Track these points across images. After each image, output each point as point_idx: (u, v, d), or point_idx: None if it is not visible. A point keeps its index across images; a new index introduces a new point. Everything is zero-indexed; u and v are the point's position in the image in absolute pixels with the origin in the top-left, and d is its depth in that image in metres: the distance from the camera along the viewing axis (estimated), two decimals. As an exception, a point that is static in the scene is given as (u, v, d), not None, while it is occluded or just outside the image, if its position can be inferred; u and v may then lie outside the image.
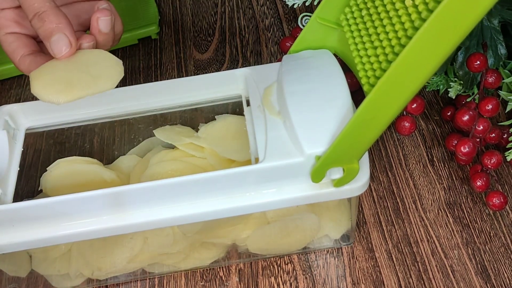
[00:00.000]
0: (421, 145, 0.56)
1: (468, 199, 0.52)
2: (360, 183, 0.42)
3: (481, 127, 0.50)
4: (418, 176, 0.54)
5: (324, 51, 0.47)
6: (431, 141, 0.56)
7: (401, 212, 0.51)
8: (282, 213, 0.46)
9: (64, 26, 0.40)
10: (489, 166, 0.50)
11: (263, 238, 0.48)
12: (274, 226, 0.47)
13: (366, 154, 0.43)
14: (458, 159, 0.53)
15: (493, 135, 0.52)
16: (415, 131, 0.57)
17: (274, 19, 0.68)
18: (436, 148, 0.56)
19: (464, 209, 0.51)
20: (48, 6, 0.40)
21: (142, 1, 0.69)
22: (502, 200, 0.49)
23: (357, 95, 0.56)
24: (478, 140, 0.51)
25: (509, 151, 0.52)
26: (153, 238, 0.46)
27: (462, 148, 0.50)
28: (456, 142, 0.52)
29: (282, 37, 0.66)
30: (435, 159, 0.55)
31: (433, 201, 0.52)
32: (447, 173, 0.54)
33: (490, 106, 0.49)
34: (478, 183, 0.50)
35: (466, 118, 0.50)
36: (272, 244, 0.49)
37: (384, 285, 0.47)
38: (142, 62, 0.66)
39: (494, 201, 0.49)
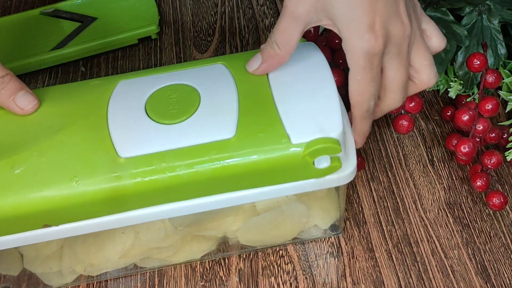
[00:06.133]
0: (421, 145, 0.56)
1: (468, 199, 0.52)
2: (346, 172, 0.42)
3: (481, 127, 0.50)
4: (418, 176, 0.54)
5: (309, 43, 0.48)
6: (431, 141, 0.56)
7: (401, 212, 0.51)
8: (271, 204, 0.47)
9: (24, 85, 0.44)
10: (489, 166, 0.50)
11: (253, 230, 0.48)
12: (264, 217, 0.47)
13: (353, 144, 0.44)
14: (458, 159, 0.53)
15: (493, 135, 0.52)
16: (415, 131, 0.57)
17: (274, 19, 0.68)
18: (436, 148, 0.56)
19: (464, 209, 0.51)
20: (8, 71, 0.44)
21: (142, 1, 0.69)
22: (502, 200, 0.49)
23: (341, 89, 0.56)
24: (478, 140, 0.51)
25: (509, 151, 0.52)
26: (144, 232, 0.46)
27: (462, 148, 0.50)
28: (456, 142, 0.52)
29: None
30: (435, 159, 0.55)
31: (433, 201, 0.52)
32: (447, 173, 0.54)
33: (490, 106, 0.49)
34: (478, 183, 0.50)
35: (466, 118, 0.50)
36: (262, 235, 0.49)
37: (384, 285, 0.47)
38: (142, 62, 0.66)
39: (494, 201, 0.49)
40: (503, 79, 0.53)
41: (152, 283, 0.49)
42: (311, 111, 0.42)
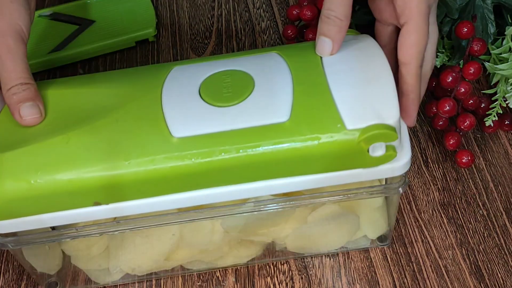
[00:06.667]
0: (416, 147, 0.56)
1: (462, 200, 0.53)
2: (401, 162, 0.41)
3: (463, 90, 0.52)
4: (412, 177, 0.54)
5: (365, 35, 0.47)
6: (425, 142, 0.57)
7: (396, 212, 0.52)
8: (323, 213, 0.47)
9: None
10: (462, 128, 0.52)
11: (302, 237, 0.48)
12: (314, 225, 0.47)
13: (407, 135, 0.43)
14: (436, 123, 0.55)
15: (471, 101, 0.54)
16: (410, 133, 0.57)
17: (271, 21, 0.69)
18: (430, 149, 0.56)
19: (458, 210, 0.52)
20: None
21: (139, 4, 0.69)
22: (469, 158, 0.52)
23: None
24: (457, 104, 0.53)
25: (488, 117, 0.54)
26: (192, 235, 0.46)
27: (443, 107, 0.52)
28: (438, 103, 0.53)
29: (278, 40, 0.67)
30: (429, 160, 0.55)
31: (428, 202, 0.53)
32: (441, 174, 0.54)
33: (473, 70, 0.51)
34: (451, 142, 0.53)
35: (450, 79, 0.52)
36: (310, 243, 0.49)
37: (379, 285, 0.48)
38: (139, 64, 0.66)
39: (462, 160, 0.52)
40: (489, 49, 0.55)
41: (149, 283, 0.49)
42: (366, 97, 0.41)
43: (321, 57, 0.44)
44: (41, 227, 0.42)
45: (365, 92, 0.41)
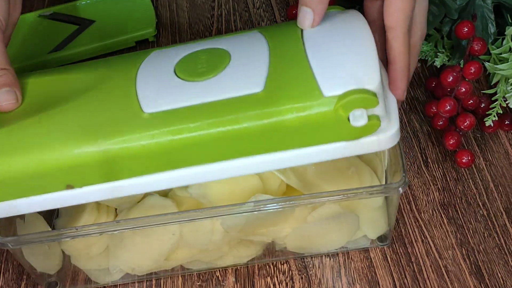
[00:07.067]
0: (416, 146, 0.56)
1: (462, 200, 0.52)
2: (388, 134, 0.38)
3: (463, 89, 0.52)
4: (412, 177, 0.54)
5: (352, 10, 0.45)
6: (425, 142, 0.57)
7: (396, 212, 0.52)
8: (323, 213, 0.46)
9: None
10: (462, 127, 0.52)
11: (302, 237, 0.48)
12: (314, 225, 0.47)
13: (395, 105, 0.41)
14: (436, 123, 0.55)
15: (471, 101, 0.54)
16: (410, 133, 0.57)
17: (270, 21, 0.69)
18: (430, 149, 0.56)
19: (458, 209, 0.52)
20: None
21: (139, 4, 0.69)
22: (469, 158, 0.52)
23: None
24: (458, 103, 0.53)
25: (488, 117, 0.54)
26: (192, 234, 0.46)
27: (444, 106, 0.52)
28: (438, 103, 0.53)
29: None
30: (429, 160, 0.55)
31: (428, 202, 0.52)
32: (441, 174, 0.54)
33: (473, 69, 0.51)
34: (451, 142, 0.52)
35: (450, 79, 0.52)
36: (310, 243, 0.49)
37: (379, 285, 0.48)
38: (139, 64, 0.66)
39: (462, 159, 0.52)
40: (489, 49, 0.55)
41: (149, 283, 0.49)
42: (346, 64, 0.39)
43: (302, 31, 0.43)
44: (14, 214, 0.41)
45: (344, 59, 0.39)
